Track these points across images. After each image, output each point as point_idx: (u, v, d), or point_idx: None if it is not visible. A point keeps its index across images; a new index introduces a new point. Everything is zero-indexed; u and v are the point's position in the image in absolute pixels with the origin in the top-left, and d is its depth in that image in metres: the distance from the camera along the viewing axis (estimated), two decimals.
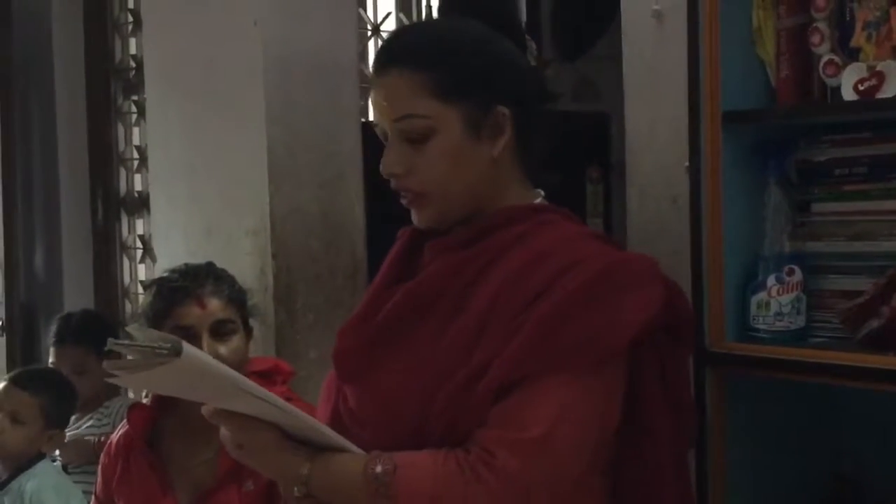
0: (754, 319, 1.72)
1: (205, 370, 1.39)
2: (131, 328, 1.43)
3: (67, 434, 2.89)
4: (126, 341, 1.37)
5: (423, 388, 1.43)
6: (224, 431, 1.49)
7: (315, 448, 1.46)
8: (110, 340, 1.37)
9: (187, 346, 1.32)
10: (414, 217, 1.54)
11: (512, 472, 1.36)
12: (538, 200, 1.57)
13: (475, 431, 1.39)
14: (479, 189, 1.50)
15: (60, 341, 3.22)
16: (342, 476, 1.43)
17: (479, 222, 1.51)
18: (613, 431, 1.46)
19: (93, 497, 2.27)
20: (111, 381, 1.39)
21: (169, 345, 1.32)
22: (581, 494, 1.45)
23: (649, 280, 1.45)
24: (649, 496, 1.49)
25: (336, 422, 1.53)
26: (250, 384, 1.43)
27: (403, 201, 1.53)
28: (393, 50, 1.51)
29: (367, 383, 1.50)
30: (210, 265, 2.19)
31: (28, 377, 2.75)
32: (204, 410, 1.48)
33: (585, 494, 1.46)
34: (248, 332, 2.18)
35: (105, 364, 1.36)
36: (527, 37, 1.59)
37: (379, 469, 1.39)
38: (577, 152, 3.53)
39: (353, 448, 1.45)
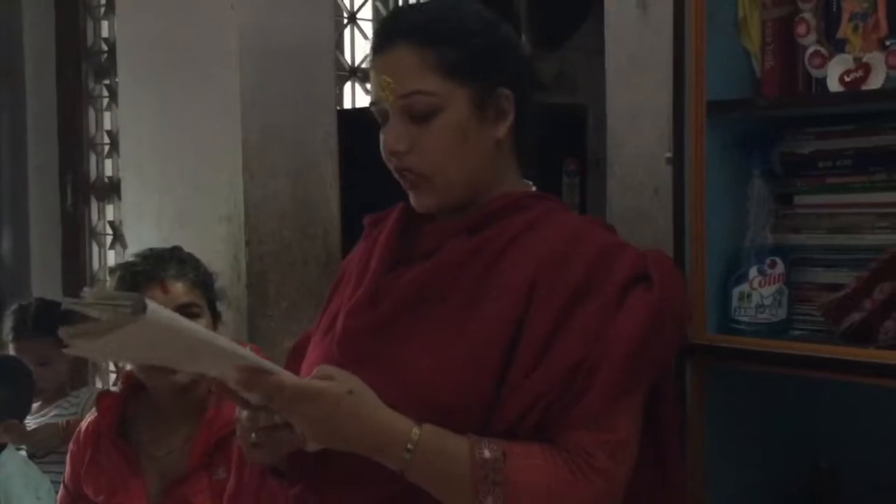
0: (736, 311, 1.70)
1: (172, 327, 1.27)
2: (86, 291, 1.27)
3: (30, 423, 2.82)
4: (83, 300, 1.24)
5: (457, 372, 1.39)
6: (244, 418, 1.39)
7: None
8: (65, 300, 1.24)
9: (152, 303, 1.21)
10: (413, 200, 1.50)
11: (610, 474, 1.38)
12: (532, 188, 1.57)
13: (562, 432, 1.37)
14: (480, 173, 1.48)
15: (19, 336, 3.09)
16: (447, 448, 1.36)
17: (484, 207, 1.49)
18: None
19: (61, 486, 2.24)
20: (68, 351, 1.24)
21: (130, 302, 1.20)
22: None
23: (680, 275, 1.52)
24: (660, 469, 1.51)
25: None
26: (225, 341, 1.34)
27: (404, 183, 1.49)
28: (399, 25, 1.47)
29: (383, 366, 1.43)
30: (175, 249, 2.17)
31: None
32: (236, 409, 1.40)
33: None
34: (216, 316, 2.15)
35: (61, 331, 1.22)
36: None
37: (487, 454, 1.35)
38: (555, 145, 3.52)
39: None
